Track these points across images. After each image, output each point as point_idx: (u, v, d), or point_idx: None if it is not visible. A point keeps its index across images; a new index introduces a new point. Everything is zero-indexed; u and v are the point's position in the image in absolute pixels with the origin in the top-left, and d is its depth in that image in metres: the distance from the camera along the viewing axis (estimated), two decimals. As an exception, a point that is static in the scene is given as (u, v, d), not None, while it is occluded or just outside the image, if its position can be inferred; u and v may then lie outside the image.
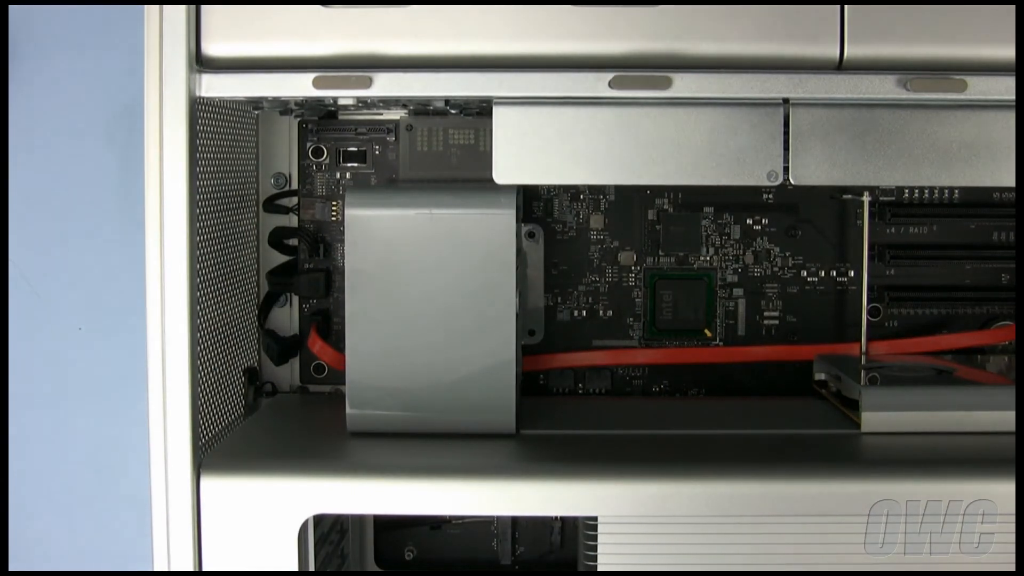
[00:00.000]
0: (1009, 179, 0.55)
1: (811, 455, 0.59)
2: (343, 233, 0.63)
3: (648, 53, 0.54)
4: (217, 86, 0.55)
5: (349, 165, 0.73)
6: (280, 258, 0.73)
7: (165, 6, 0.54)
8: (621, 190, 0.73)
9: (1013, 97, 0.54)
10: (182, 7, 0.54)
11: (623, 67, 0.54)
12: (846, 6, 0.54)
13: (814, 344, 0.73)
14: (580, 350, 0.74)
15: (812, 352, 0.72)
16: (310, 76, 0.55)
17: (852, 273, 0.73)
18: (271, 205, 0.72)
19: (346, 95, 0.56)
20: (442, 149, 0.71)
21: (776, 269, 0.73)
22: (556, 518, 0.74)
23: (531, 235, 0.73)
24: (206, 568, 0.56)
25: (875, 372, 0.66)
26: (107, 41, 0.82)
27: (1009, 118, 0.55)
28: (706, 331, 0.74)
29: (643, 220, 0.73)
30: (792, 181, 0.56)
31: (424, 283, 0.61)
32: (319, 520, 0.58)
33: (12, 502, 0.84)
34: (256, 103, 0.65)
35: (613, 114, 0.55)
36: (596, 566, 0.57)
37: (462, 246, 0.61)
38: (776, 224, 0.73)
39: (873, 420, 0.62)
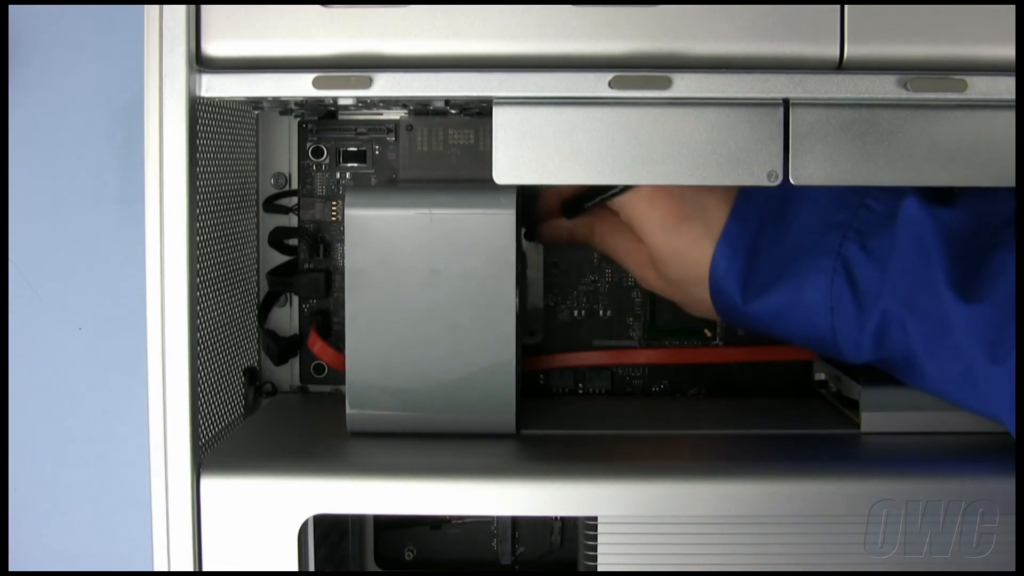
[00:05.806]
0: (1009, 179, 0.55)
1: (811, 455, 0.59)
2: (343, 233, 0.63)
3: (648, 53, 0.54)
4: (217, 86, 0.55)
5: (349, 165, 0.73)
6: (280, 258, 0.73)
7: (165, 6, 0.54)
8: (621, 190, 0.73)
9: (1013, 97, 0.54)
10: (182, 7, 0.54)
11: (623, 67, 0.54)
12: (846, 6, 0.54)
13: (814, 344, 0.73)
14: (580, 350, 0.74)
15: (812, 352, 0.72)
16: (310, 76, 0.55)
17: (852, 273, 0.73)
18: (271, 205, 0.72)
19: (346, 95, 0.56)
20: (442, 149, 0.71)
21: (776, 269, 0.73)
22: (556, 518, 0.74)
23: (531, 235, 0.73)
24: (206, 568, 0.56)
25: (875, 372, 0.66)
26: (107, 41, 0.82)
27: (1009, 118, 0.55)
28: (706, 331, 0.73)
29: (643, 220, 0.73)
30: (792, 181, 0.56)
31: (424, 283, 0.61)
32: (319, 520, 0.58)
33: (12, 502, 0.84)
34: (256, 103, 0.65)
35: (613, 114, 0.55)
36: (596, 566, 0.57)
37: (462, 246, 0.61)
38: (776, 224, 0.73)
39: (873, 420, 0.62)
